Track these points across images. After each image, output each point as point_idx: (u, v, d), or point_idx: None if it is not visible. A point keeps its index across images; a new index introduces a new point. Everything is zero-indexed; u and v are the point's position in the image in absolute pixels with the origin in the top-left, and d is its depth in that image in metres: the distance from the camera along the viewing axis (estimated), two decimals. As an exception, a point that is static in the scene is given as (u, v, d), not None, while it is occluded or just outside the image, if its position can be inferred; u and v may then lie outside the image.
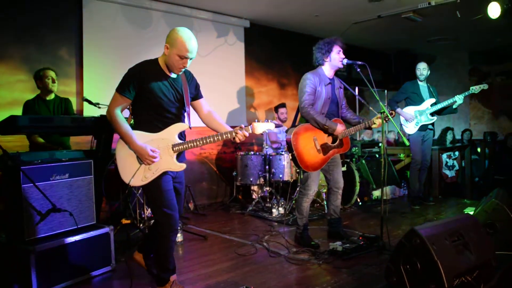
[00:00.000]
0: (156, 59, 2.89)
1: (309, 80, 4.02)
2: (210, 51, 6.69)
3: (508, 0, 5.60)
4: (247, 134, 2.87)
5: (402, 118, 5.98)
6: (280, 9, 6.59)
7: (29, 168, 3.05)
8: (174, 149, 2.85)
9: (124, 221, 4.43)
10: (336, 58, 4.07)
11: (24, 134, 4.20)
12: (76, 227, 3.32)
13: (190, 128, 2.96)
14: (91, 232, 3.38)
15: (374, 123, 4.08)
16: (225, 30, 6.90)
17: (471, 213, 3.55)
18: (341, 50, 4.09)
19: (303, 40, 8.16)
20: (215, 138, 2.89)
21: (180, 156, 2.96)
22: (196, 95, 3.09)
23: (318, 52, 4.13)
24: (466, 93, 5.64)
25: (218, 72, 6.79)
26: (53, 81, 4.36)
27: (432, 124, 5.97)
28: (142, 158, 2.76)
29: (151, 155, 2.74)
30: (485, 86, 5.57)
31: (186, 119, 2.99)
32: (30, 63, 4.93)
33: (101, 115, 3.64)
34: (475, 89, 5.58)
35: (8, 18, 4.83)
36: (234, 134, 2.86)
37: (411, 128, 5.91)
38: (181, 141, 2.89)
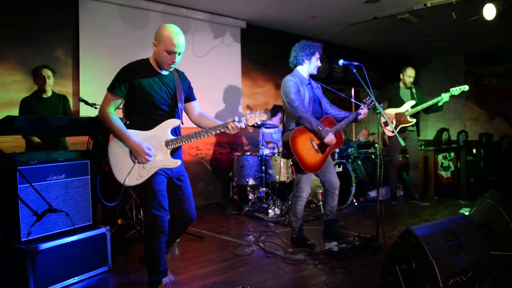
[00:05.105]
0: (147, 58, 2.93)
1: (291, 81, 4.05)
2: (207, 51, 6.70)
3: (503, 1, 5.64)
4: (239, 125, 2.89)
5: (382, 119, 6.03)
6: (276, 10, 6.60)
7: (25, 168, 3.05)
8: (168, 146, 2.85)
9: (121, 222, 4.42)
10: (315, 63, 4.17)
11: (20, 135, 4.19)
12: (72, 227, 3.32)
13: (182, 123, 2.99)
14: (88, 233, 3.38)
15: (360, 114, 4.14)
16: (221, 31, 6.91)
17: (466, 213, 3.56)
18: (319, 59, 4.19)
19: (299, 41, 8.16)
20: (209, 132, 2.91)
21: (175, 153, 2.95)
22: (190, 96, 3.11)
23: (301, 52, 4.16)
24: (449, 94, 5.67)
25: (215, 73, 6.79)
26: (45, 81, 4.34)
27: (413, 125, 6.03)
28: (137, 155, 2.75)
29: (146, 153, 2.74)
30: (465, 88, 5.60)
31: (179, 116, 2.99)
32: (26, 64, 4.92)
33: (98, 116, 3.63)
34: (455, 90, 5.61)
35: (3, 19, 4.81)
36: (226, 126, 2.88)
37: (390, 131, 5.99)
38: (174, 137, 2.89)
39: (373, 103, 4.10)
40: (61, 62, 5.25)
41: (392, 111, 6.02)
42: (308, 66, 4.15)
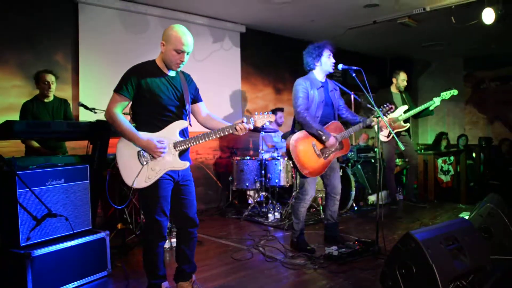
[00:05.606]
0: (153, 60, 2.91)
1: (300, 85, 4.03)
2: (206, 56, 6.71)
3: (502, 6, 5.65)
4: (247, 126, 2.87)
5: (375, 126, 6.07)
6: (276, 14, 6.62)
7: (24, 173, 3.04)
8: (176, 148, 2.83)
9: (120, 226, 4.41)
10: (327, 62, 4.08)
11: (20, 139, 4.19)
12: (72, 232, 3.31)
13: (190, 125, 2.97)
14: (87, 237, 3.37)
15: (373, 121, 4.12)
16: (221, 35, 6.92)
17: (466, 217, 3.56)
18: (331, 54, 4.11)
19: (299, 45, 8.08)
20: (217, 133, 2.88)
21: (183, 154, 2.92)
22: (196, 97, 3.10)
23: (308, 57, 4.13)
24: (440, 98, 5.71)
25: (214, 77, 6.80)
26: (49, 86, 4.35)
27: (406, 130, 6.08)
28: (151, 151, 2.72)
29: (159, 146, 2.72)
30: (454, 92, 5.66)
31: (186, 118, 2.97)
32: (26, 69, 4.93)
33: (97, 120, 3.64)
34: (445, 95, 5.68)
35: (3, 23, 4.82)
36: (234, 127, 2.86)
37: (385, 136, 6.02)
38: (182, 139, 2.87)
39: (392, 109, 4.14)
40: (61, 67, 5.25)
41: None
42: (321, 68, 4.11)
